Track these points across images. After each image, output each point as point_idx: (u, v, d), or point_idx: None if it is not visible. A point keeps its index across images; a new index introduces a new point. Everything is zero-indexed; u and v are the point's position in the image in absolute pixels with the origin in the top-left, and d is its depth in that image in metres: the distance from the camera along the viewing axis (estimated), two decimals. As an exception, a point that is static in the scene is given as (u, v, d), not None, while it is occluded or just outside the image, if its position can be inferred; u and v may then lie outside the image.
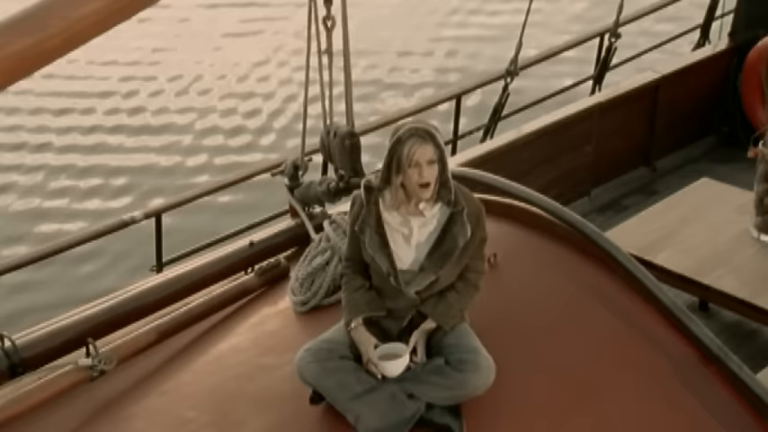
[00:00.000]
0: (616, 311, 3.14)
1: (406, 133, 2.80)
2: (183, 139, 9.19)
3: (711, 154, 6.56)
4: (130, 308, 3.43)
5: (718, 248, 4.25)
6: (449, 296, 2.94)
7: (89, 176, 8.64)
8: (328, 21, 3.58)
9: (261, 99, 9.92)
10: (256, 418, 2.93)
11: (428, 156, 2.80)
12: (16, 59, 2.44)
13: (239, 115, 9.65)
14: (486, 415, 2.82)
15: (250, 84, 10.22)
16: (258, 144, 9.20)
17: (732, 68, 6.59)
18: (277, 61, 10.61)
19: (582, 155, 5.83)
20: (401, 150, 2.80)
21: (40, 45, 2.47)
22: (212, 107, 9.77)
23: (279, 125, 9.48)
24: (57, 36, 2.50)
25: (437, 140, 2.81)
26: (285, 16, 11.30)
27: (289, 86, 9.96)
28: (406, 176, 2.81)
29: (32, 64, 2.52)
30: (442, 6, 11.72)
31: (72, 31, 2.52)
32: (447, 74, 10.12)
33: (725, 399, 2.97)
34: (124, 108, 9.76)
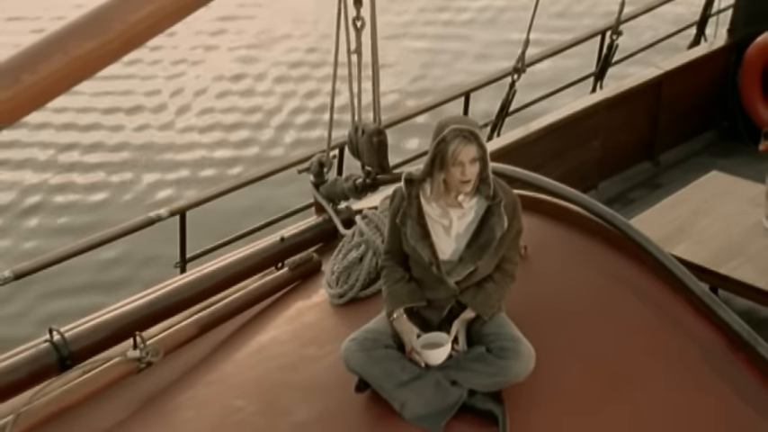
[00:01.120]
0: (646, 301, 3.25)
1: (450, 133, 2.90)
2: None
3: (712, 148, 6.70)
4: (170, 302, 3.52)
5: (733, 239, 4.37)
6: (487, 286, 3.04)
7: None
8: (358, 21, 3.70)
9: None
10: (304, 406, 3.03)
11: (471, 155, 2.91)
12: (82, 62, 2.54)
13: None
14: (525, 401, 2.93)
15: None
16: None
17: (731, 64, 6.74)
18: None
19: (589, 150, 5.96)
20: (446, 149, 2.90)
21: (102, 48, 2.57)
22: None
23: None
24: (117, 39, 2.60)
25: (480, 141, 2.92)
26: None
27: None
28: (449, 174, 2.92)
29: (95, 66, 2.61)
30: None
31: (131, 33, 2.61)
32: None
33: (754, 384, 3.09)
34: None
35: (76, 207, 8.45)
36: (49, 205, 8.48)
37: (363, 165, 4.01)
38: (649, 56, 7.32)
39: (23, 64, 2.46)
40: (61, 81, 2.54)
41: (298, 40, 11.32)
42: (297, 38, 11.38)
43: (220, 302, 3.57)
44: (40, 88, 2.48)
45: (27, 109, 2.50)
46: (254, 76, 10.54)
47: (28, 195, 8.61)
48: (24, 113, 2.52)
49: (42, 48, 2.51)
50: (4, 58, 2.47)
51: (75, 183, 8.75)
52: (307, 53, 10.97)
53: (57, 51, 2.51)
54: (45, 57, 2.49)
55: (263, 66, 10.75)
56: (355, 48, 3.73)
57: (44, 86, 2.49)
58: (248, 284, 3.73)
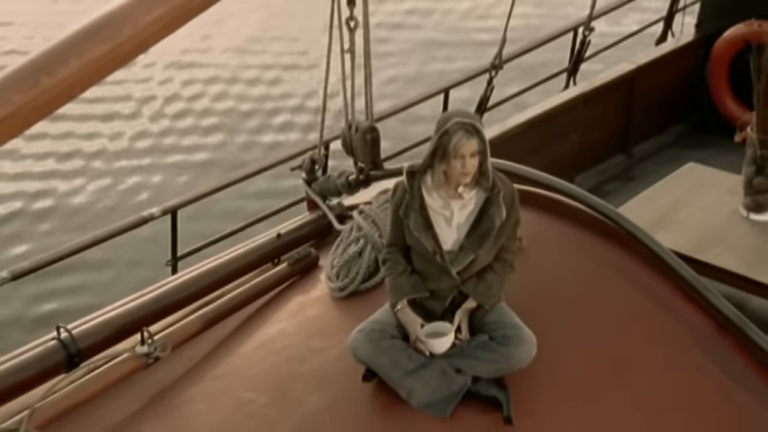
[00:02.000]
0: (639, 287, 3.35)
1: (453, 126, 2.97)
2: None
3: (683, 140, 6.84)
4: (174, 298, 3.56)
5: (713, 228, 4.49)
6: (488, 276, 3.13)
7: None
8: (351, 21, 3.76)
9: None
10: (313, 395, 3.09)
11: (472, 149, 2.98)
12: (96, 65, 2.59)
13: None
14: (528, 386, 3.01)
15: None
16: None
17: (700, 59, 6.89)
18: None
19: (567, 144, 6.07)
20: (448, 141, 2.97)
21: (114, 51, 2.61)
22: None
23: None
24: (128, 42, 2.64)
25: (482, 135, 3.00)
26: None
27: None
28: (450, 166, 3.00)
29: (107, 69, 2.66)
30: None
31: (141, 36, 2.66)
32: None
33: (743, 365, 3.20)
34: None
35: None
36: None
37: (356, 161, 4.08)
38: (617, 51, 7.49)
39: (41, 67, 2.50)
40: (77, 84, 2.58)
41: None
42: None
43: (223, 298, 3.62)
44: (57, 91, 2.53)
45: (46, 111, 2.55)
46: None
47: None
48: (43, 116, 2.56)
49: (58, 52, 2.55)
50: (23, 62, 2.51)
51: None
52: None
53: (72, 55, 2.55)
54: (61, 60, 2.53)
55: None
56: (348, 47, 3.80)
57: (61, 89, 2.54)
58: (247, 280, 3.79)
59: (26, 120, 2.51)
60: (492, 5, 11.78)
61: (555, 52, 7.09)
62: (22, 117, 2.48)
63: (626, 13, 8.23)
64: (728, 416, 3.12)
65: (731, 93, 6.75)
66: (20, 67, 2.50)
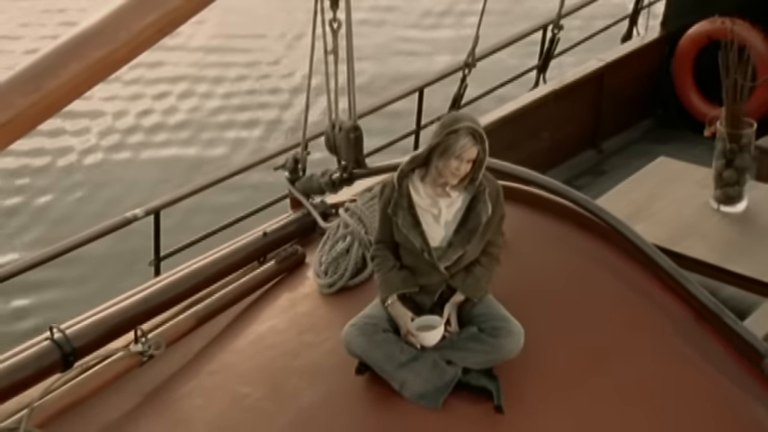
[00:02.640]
0: (620, 278, 3.45)
1: (464, 129, 3.05)
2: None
3: (650, 135, 6.98)
4: (165, 297, 3.59)
5: (686, 220, 4.60)
6: (475, 270, 3.20)
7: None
8: (334, 23, 3.82)
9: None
10: (309, 389, 3.15)
11: (472, 155, 3.07)
12: (94, 69, 2.63)
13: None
14: (517, 376, 3.09)
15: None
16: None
17: (665, 55, 7.02)
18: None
19: (539, 140, 6.18)
20: (455, 141, 3.04)
21: (110, 56, 2.67)
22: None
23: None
24: (123, 47, 2.69)
25: (485, 146, 3.09)
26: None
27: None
28: (447, 164, 3.07)
29: (104, 73, 2.71)
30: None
31: (136, 42, 2.71)
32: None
33: (721, 352, 3.30)
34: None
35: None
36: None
37: (339, 160, 4.14)
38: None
39: (43, 71, 2.55)
40: (76, 88, 2.62)
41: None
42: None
43: (213, 296, 3.67)
44: (58, 95, 2.57)
45: (47, 114, 2.59)
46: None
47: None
48: (45, 119, 2.60)
49: (59, 56, 2.59)
50: (25, 66, 2.55)
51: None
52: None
53: (72, 60, 2.60)
54: (62, 64, 2.58)
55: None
56: (332, 48, 3.86)
57: (62, 93, 2.58)
58: (236, 278, 3.83)
59: (29, 123, 2.55)
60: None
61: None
62: (25, 120, 2.52)
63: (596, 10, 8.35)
64: (708, 400, 3.22)
65: (696, 88, 6.90)
66: (22, 72, 2.54)
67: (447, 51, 10.52)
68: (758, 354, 3.25)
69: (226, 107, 10.31)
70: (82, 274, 7.41)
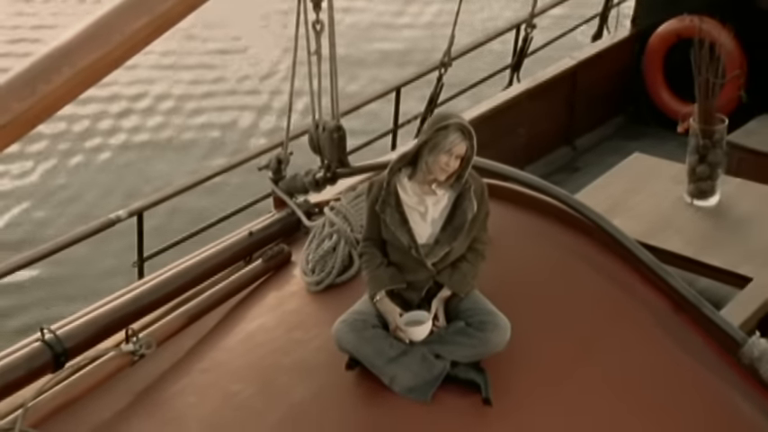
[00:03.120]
0: (601, 272, 3.50)
1: (453, 126, 3.11)
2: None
3: (622, 131, 7.09)
4: (154, 297, 3.61)
5: (661, 214, 4.68)
6: (462, 266, 3.25)
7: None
8: (317, 25, 3.85)
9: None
10: (300, 385, 3.18)
11: (461, 152, 3.12)
12: (88, 72, 2.65)
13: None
14: (504, 369, 3.13)
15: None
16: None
17: (635, 53, 7.12)
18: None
19: (516, 137, 6.26)
20: (445, 136, 3.10)
21: (105, 58, 2.69)
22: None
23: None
24: (117, 49, 2.72)
25: (473, 142, 3.14)
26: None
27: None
28: (436, 159, 3.12)
29: (98, 75, 2.73)
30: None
31: (130, 43, 2.74)
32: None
33: (699, 341, 3.37)
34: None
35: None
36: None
37: (323, 159, 4.17)
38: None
39: (38, 75, 2.56)
40: (70, 91, 2.64)
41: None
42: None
43: (202, 295, 3.69)
44: (53, 98, 2.59)
45: (42, 118, 2.60)
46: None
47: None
48: (40, 122, 2.61)
49: (52, 60, 2.60)
50: (20, 70, 2.56)
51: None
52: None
53: (65, 63, 2.61)
54: (56, 68, 2.59)
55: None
56: (315, 50, 3.89)
57: (56, 97, 2.60)
58: (223, 278, 3.85)
59: (24, 127, 2.56)
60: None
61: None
62: (21, 124, 2.54)
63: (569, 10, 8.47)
64: (687, 388, 3.28)
65: (666, 85, 7.01)
66: (17, 76, 2.56)
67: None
68: (735, 343, 3.32)
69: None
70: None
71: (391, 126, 6.49)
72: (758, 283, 4.34)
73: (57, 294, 7.33)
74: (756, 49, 6.50)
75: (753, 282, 4.36)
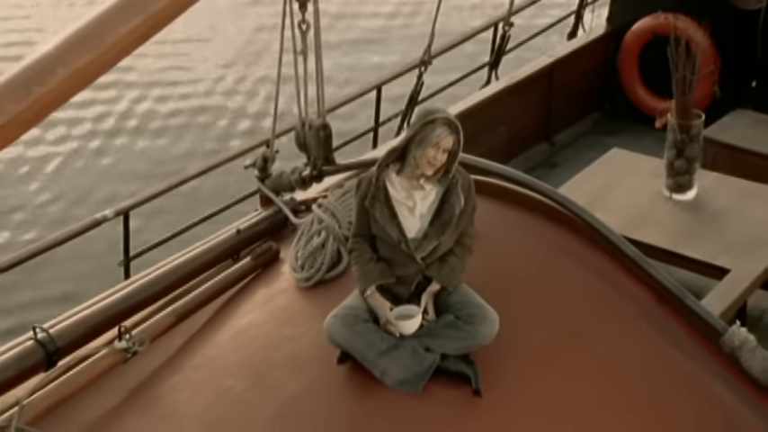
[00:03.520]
0: (586, 265, 3.55)
1: (440, 120, 3.15)
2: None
3: (598, 127, 7.16)
4: (145, 295, 3.63)
5: (640, 208, 4.75)
6: (450, 260, 3.28)
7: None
8: (303, 24, 3.88)
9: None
10: (292, 380, 3.21)
11: (448, 145, 3.16)
12: (81, 74, 2.67)
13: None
14: (493, 360, 3.17)
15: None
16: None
17: (611, 51, 7.20)
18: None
19: (496, 134, 6.32)
20: (432, 130, 3.14)
21: (97, 60, 2.71)
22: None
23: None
24: (110, 51, 2.74)
25: (460, 136, 3.19)
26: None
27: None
28: (424, 153, 3.16)
29: (92, 77, 2.75)
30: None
31: (122, 45, 2.76)
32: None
33: (681, 332, 3.43)
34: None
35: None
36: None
37: (309, 157, 4.20)
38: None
39: (33, 78, 2.58)
40: (65, 92, 2.66)
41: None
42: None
43: (192, 293, 3.71)
44: (48, 100, 2.60)
45: (38, 119, 2.62)
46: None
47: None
48: (35, 124, 2.63)
49: (47, 62, 2.62)
50: (14, 73, 2.57)
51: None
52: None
53: (59, 65, 2.63)
54: (50, 70, 2.61)
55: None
56: (301, 49, 3.91)
57: (52, 98, 2.62)
58: (212, 275, 3.87)
59: (20, 128, 2.58)
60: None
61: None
62: (17, 126, 2.56)
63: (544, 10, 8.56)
64: (670, 378, 3.34)
65: (641, 82, 7.09)
66: (12, 78, 2.57)
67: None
68: (716, 332, 3.38)
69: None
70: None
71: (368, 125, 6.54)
72: (736, 275, 4.41)
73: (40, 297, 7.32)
74: (728, 45, 6.59)
75: (731, 273, 4.43)
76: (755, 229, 4.73)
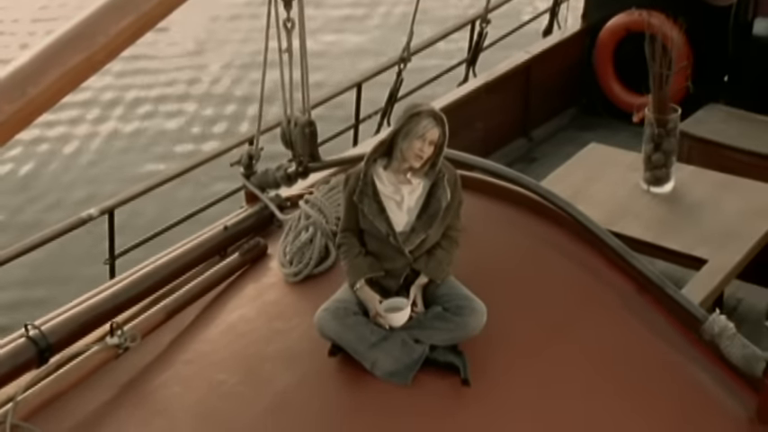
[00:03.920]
0: (569, 256, 3.60)
1: (425, 112, 3.20)
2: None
3: (575, 122, 7.23)
4: (135, 291, 3.64)
5: (619, 201, 4.81)
6: (437, 253, 3.32)
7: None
8: (288, 23, 3.90)
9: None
10: (284, 373, 3.23)
11: (434, 137, 3.20)
12: (74, 74, 2.68)
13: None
14: (481, 351, 3.22)
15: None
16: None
17: (586, 47, 7.26)
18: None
19: (474, 130, 6.36)
20: (418, 122, 3.18)
21: (89, 60, 2.72)
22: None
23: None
24: (101, 51, 2.75)
25: (445, 129, 3.22)
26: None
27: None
28: (410, 145, 3.19)
29: (84, 76, 2.76)
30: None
31: (113, 45, 2.77)
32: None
33: (662, 321, 3.49)
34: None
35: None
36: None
37: (295, 154, 4.22)
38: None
39: (27, 78, 2.59)
40: (58, 92, 2.67)
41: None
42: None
43: (181, 289, 3.72)
44: (42, 100, 2.61)
45: (32, 119, 2.63)
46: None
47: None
48: (29, 123, 2.64)
49: (40, 62, 2.63)
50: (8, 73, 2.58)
51: None
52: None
53: (52, 65, 2.64)
54: (43, 70, 2.62)
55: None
56: (286, 47, 3.94)
57: (45, 98, 2.62)
58: (200, 272, 3.89)
59: (15, 128, 2.59)
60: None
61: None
62: (12, 126, 2.56)
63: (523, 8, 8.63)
64: (652, 365, 3.40)
65: (616, 77, 7.15)
66: (6, 78, 2.58)
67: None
68: (697, 320, 3.44)
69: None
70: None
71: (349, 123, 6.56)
72: (713, 265, 4.48)
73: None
74: (701, 41, 6.67)
75: (708, 263, 4.50)
76: (731, 220, 4.80)
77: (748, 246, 4.60)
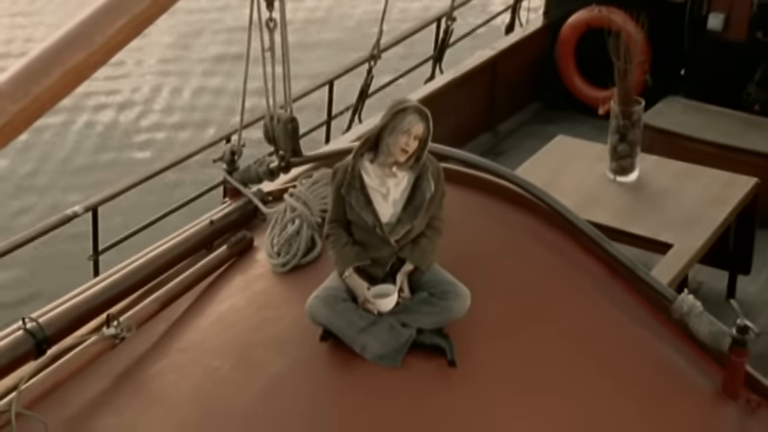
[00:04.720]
0: (545, 243, 3.72)
1: (410, 108, 3.28)
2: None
3: (539, 116, 7.36)
4: (128, 284, 3.70)
5: (587, 191, 4.94)
6: (422, 242, 3.41)
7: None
8: (270, 23, 3.96)
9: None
10: (276, 359, 3.30)
11: (418, 132, 3.29)
12: (74, 73, 2.73)
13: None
14: (465, 333, 3.31)
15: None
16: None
17: (548, 43, 7.39)
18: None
19: (444, 126, 6.43)
20: (403, 117, 3.26)
21: (87, 60, 2.77)
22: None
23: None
24: (99, 51, 2.80)
25: (429, 124, 3.31)
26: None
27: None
28: (395, 140, 3.28)
29: (83, 76, 2.81)
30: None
31: (110, 45, 2.82)
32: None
33: (634, 303, 3.61)
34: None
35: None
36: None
37: (277, 149, 4.28)
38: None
39: (30, 77, 2.63)
40: (59, 92, 2.72)
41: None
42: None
43: (172, 281, 3.77)
44: (44, 99, 2.66)
45: (34, 118, 2.67)
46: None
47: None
48: (32, 123, 2.68)
49: (42, 62, 2.68)
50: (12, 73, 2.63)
51: None
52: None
53: (54, 65, 2.69)
54: (46, 70, 2.67)
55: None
56: (269, 46, 4.00)
57: (48, 97, 2.67)
58: (188, 265, 3.94)
59: (19, 127, 2.64)
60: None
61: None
62: (16, 125, 2.61)
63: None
64: (624, 345, 3.52)
65: (578, 72, 7.29)
66: (10, 78, 2.62)
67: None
68: (667, 300, 3.56)
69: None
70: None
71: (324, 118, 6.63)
72: (678, 249, 4.62)
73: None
74: (658, 36, 6.82)
75: (674, 247, 4.64)
76: (692, 206, 4.96)
77: (710, 230, 4.76)
